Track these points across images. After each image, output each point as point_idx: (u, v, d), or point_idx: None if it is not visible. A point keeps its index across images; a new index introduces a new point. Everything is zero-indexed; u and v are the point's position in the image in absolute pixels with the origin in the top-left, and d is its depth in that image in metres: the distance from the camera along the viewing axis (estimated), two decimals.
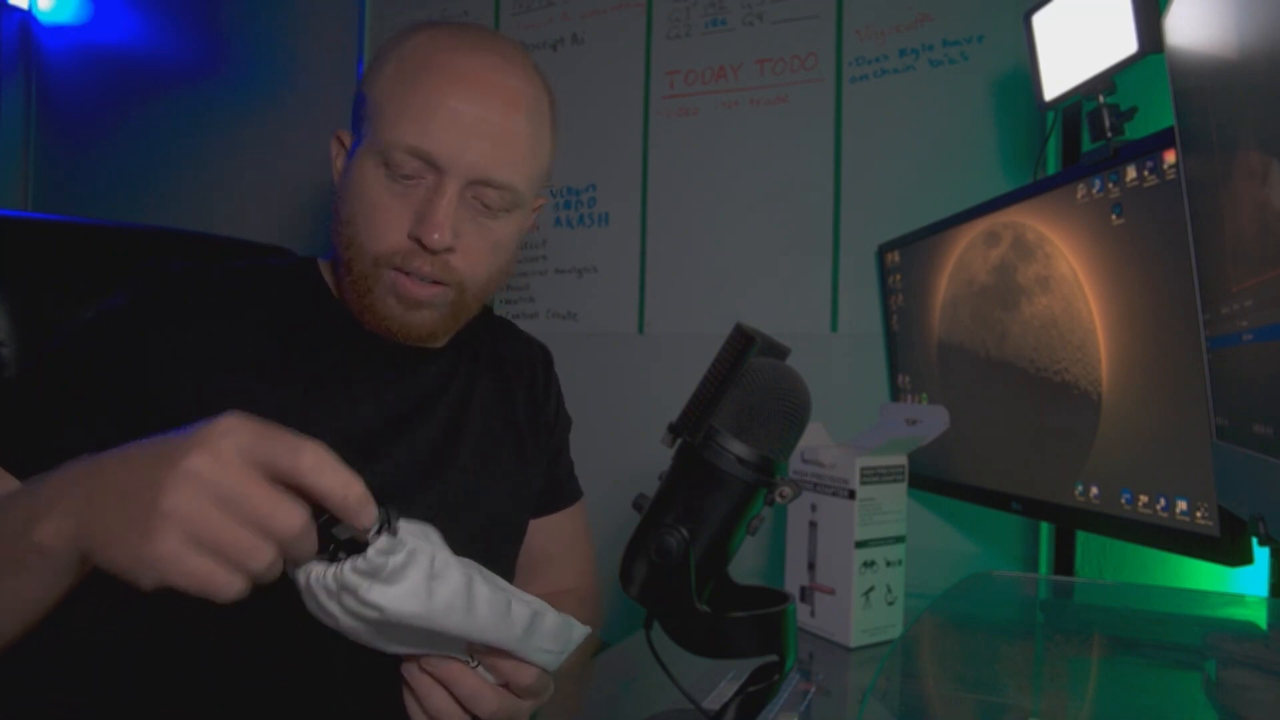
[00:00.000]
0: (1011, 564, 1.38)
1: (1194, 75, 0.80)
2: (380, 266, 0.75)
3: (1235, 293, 0.71)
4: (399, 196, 0.74)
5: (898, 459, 0.86)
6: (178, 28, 2.15)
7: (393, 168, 0.73)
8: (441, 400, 0.85)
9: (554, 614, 0.55)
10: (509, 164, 0.75)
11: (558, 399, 1.01)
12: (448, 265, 0.75)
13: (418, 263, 0.74)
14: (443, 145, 0.72)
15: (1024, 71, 1.19)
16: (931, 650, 0.91)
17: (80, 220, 1.03)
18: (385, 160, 0.73)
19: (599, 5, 1.70)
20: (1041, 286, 1.08)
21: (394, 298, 0.76)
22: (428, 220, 0.72)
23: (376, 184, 0.74)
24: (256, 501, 0.44)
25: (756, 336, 0.49)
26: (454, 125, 0.72)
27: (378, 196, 0.74)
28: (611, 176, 1.68)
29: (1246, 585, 1.11)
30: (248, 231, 1.34)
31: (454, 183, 0.73)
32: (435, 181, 0.73)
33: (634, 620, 0.55)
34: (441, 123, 0.72)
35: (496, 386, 0.91)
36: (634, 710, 0.69)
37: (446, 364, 0.87)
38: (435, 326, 0.79)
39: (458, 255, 0.76)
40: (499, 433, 0.89)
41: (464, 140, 0.73)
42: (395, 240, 0.74)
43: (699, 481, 0.50)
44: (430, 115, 0.72)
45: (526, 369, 0.96)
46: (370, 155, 0.74)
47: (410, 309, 0.76)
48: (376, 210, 0.74)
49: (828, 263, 1.51)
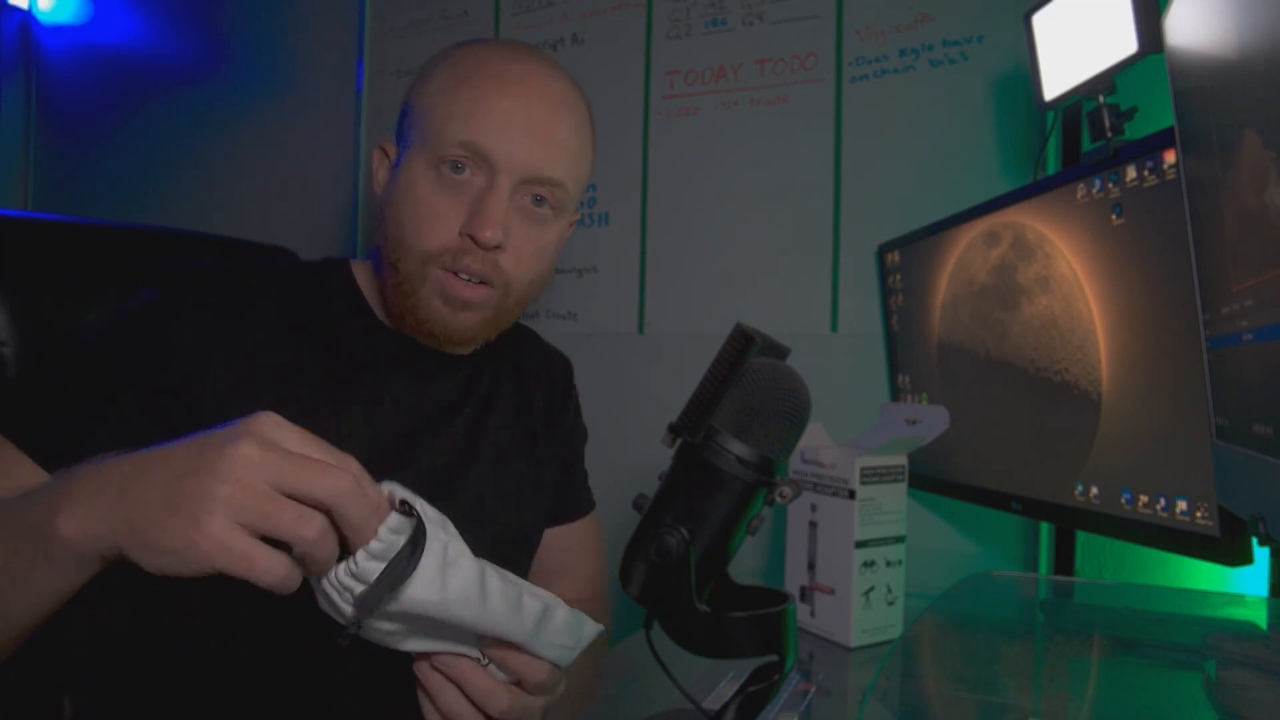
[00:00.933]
0: (1011, 564, 1.38)
1: (1194, 75, 0.80)
2: (429, 265, 0.75)
3: (1235, 293, 0.71)
4: (450, 195, 0.75)
5: (898, 459, 0.86)
6: (177, 28, 2.15)
7: (444, 164, 0.74)
8: (463, 409, 0.85)
9: (565, 609, 0.55)
10: (559, 163, 0.77)
11: (575, 410, 1.01)
12: (497, 265, 0.76)
13: (468, 260, 0.74)
14: (496, 142, 0.73)
15: (1024, 71, 1.19)
16: (931, 650, 0.91)
17: (80, 220, 1.03)
18: (437, 159, 0.74)
19: (599, 5, 1.70)
20: (1041, 286, 1.08)
21: (440, 299, 0.76)
22: (481, 215, 0.73)
23: (427, 184, 0.75)
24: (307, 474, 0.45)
25: (756, 336, 0.49)
26: (507, 123, 0.74)
27: (429, 196, 0.75)
28: (611, 176, 1.68)
29: (1246, 585, 1.11)
30: (248, 231, 1.34)
31: (506, 180, 0.74)
32: (487, 180, 0.74)
33: (634, 620, 0.55)
34: (495, 121, 0.74)
35: (516, 395, 0.92)
36: (634, 710, 0.69)
37: (471, 371, 0.87)
38: (478, 330, 0.79)
39: (506, 255, 0.76)
40: (517, 442, 0.90)
41: (516, 138, 0.74)
42: (446, 238, 0.75)
43: (699, 481, 0.50)
44: (484, 113, 0.74)
45: (546, 379, 0.97)
46: (421, 156, 0.75)
47: (456, 310, 0.76)
48: (427, 209, 0.75)
49: (828, 263, 1.51)
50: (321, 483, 0.45)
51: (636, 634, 0.56)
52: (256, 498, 0.44)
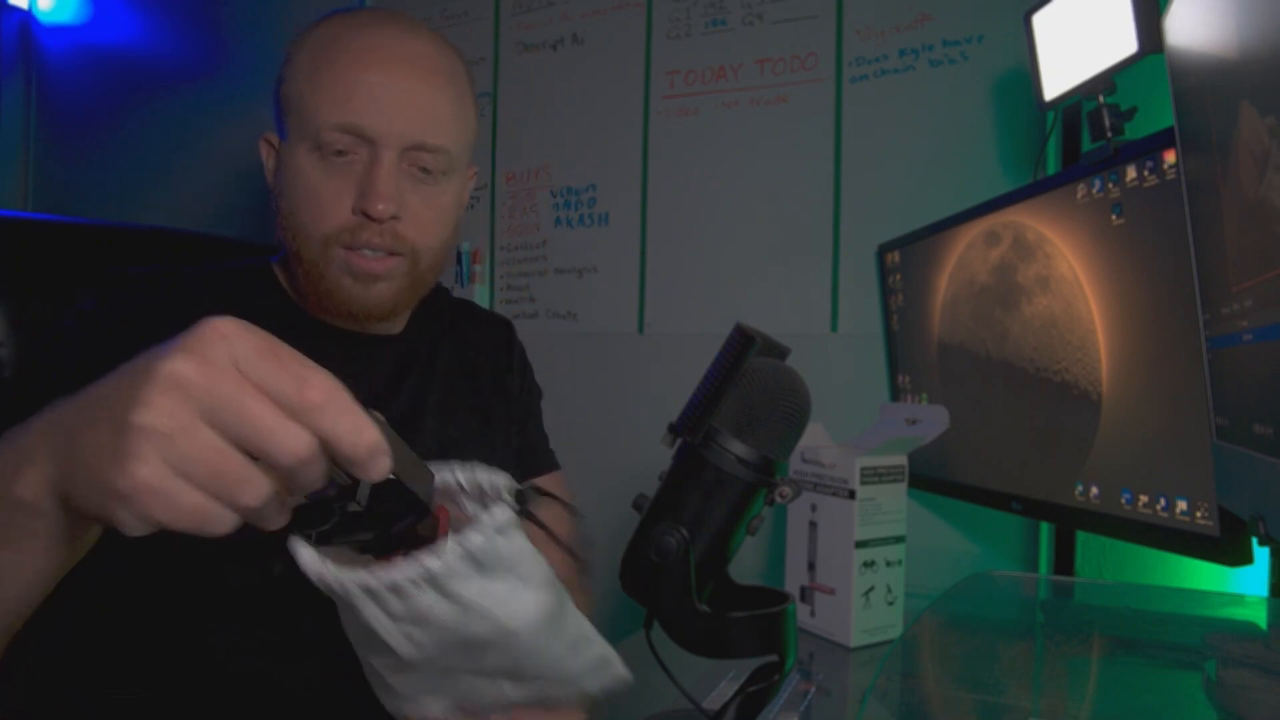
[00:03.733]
0: (1011, 564, 1.38)
1: (1194, 75, 0.79)
2: (330, 247, 0.75)
3: (1235, 293, 0.71)
4: (336, 175, 0.75)
5: (898, 459, 0.86)
6: (177, 28, 2.15)
7: (325, 149, 0.74)
8: (400, 388, 0.85)
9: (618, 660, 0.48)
10: (437, 127, 0.77)
11: (522, 368, 1.00)
12: (398, 234, 0.76)
13: (367, 235, 0.75)
14: (370, 117, 0.73)
15: (1024, 71, 1.19)
16: (931, 650, 0.91)
17: (80, 220, 1.03)
18: (317, 144, 0.74)
19: (599, 5, 1.70)
20: (1041, 286, 1.08)
21: (349, 277, 0.76)
22: (370, 191, 0.73)
23: (312, 170, 0.75)
24: (255, 415, 0.36)
25: (756, 336, 0.49)
26: (378, 97, 0.74)
27: (315, 179, 0.75)
28: (611, 176, 1.68)
29: (1246, 585, 1.11)
30: (247, 232, 1.34)
31: (389, 152, 0.74)
32: (370, 154, 0.75)
33: (634, 620, 0.55)
34: (364, 96, 0.73)
35: (459, 367, 0.91)
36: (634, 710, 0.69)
37: (404, 350, 0.87)
38: (394, 301, 0.79)
39: (405, 223, 0.76)
40: (464, 414, 0.89)
41: (390, 110, 0.74)
42: (340, 217, 0.75)
43: (699, 481, 0.50)
44: (352, 90, 0.74)
45: (488, 344, 0.96)
46: (301, 143, 0.75)
47: (367, 285, 0.76)
48: (316, 192, 0.75)
49: (828, 263, 1.51)
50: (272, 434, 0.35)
51: (636, 634, 0.55)
52: (187, 436, 0.35)
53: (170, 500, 0.35)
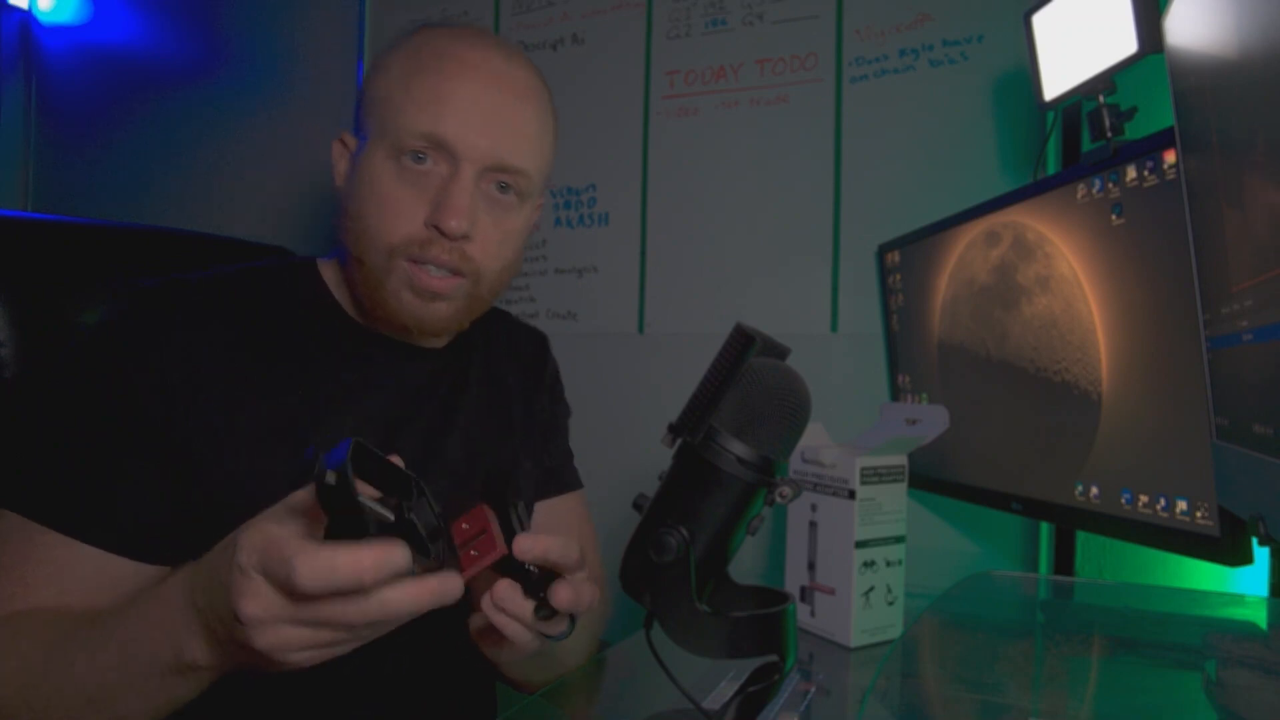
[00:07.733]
0: (1011, 564, 1.38)
1: (1194, 75, 0.79)
2: (395, 258, 0.74)
3: (1235, 293, 0.71)
4: (412, 186, 0.74)
5: (898, 459, 0.86)
6: (177, 28, 2.15)
7: (405, 157, 0.73)
8: (431, 400, 0.84)
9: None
10: (522, 150, 0.76)
11: (553, 383, 0.99)
12: (465, 254, 0.75)
13: (435, 251, 0.73)
14: (457, 130, 0.73)
15: (1024, 71, 1.19)
16: (931, 650, 0.91)
17: (80, 220, 1.03)
18: (398, 150, 0.73)
19: (599, 5, 1.70)
20: (1041, 286, 1.08)
21: (410, 291, 0.74)
22: (446, 206, 0.72)
23: (388, 175, 0.74)
24: (325, 616, 0.48)
25: (756, 336, 0.49)
26: (467, 112, 0.73)
27: (391, 187, 0.74)
28: (611, 176, 1.68)
29: (1246, 585, 1.11)
30: (248, 232, 1.34)
31: (469, 168, 0.73)
32: (450, 169, 0.73)
33: (634, 620, 0.55)
34: (455, 109, 0.73)
35: (489, 380, 0.91)
36: (634, 710, 0.69)
37: (440, 363, 0.86)
38: (451, 320, 0.78)
39: (474, 244, 0.75)
40: (492, 427, 0.88)
41: (478, 126, 0.73)
42: (411, 229, 0.73)
43: (699, 481, 0.50)
44: (443, 102, 0.73)
45: (519, 358, 0.96)
46: (381, 147, 0.74)
47: (427, 302, 0.75)
48: (390, 200, 0.74)
49: (828, 263, 1.51)
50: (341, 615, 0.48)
51: (636, 634, 0.56)
52: (292, 642, 0.49)
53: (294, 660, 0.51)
